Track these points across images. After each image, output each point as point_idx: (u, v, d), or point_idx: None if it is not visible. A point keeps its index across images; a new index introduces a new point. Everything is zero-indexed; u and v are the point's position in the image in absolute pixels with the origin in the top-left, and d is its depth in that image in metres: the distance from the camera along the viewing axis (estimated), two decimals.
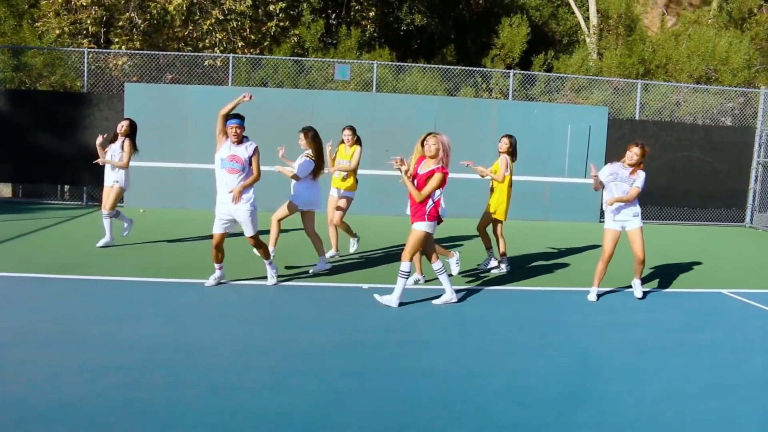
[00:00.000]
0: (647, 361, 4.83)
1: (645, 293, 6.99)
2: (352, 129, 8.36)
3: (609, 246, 6.69)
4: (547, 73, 15.99)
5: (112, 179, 8.53)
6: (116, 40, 14.84)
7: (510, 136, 7.96)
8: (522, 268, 8.19)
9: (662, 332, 5.65)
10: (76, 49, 13.47)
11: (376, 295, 6.01)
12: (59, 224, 10.09)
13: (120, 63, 14.33)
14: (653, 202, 13.72)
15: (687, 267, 8.80)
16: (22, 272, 6.67)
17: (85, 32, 14.61)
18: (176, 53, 13.84)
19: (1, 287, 6.09)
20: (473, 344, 5.03)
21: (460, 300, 6.30)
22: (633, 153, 6.54)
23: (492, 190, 7.85)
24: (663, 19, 20.62)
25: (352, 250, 8.48)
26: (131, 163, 8.65)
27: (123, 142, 8.45)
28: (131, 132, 8.54)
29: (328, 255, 7.92)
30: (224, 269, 6.54)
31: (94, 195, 12.63)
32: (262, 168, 6.41)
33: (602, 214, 13.55)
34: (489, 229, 8.00)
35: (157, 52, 13.50)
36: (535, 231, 11.62)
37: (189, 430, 3.37)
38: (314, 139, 7.21)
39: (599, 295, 6.81)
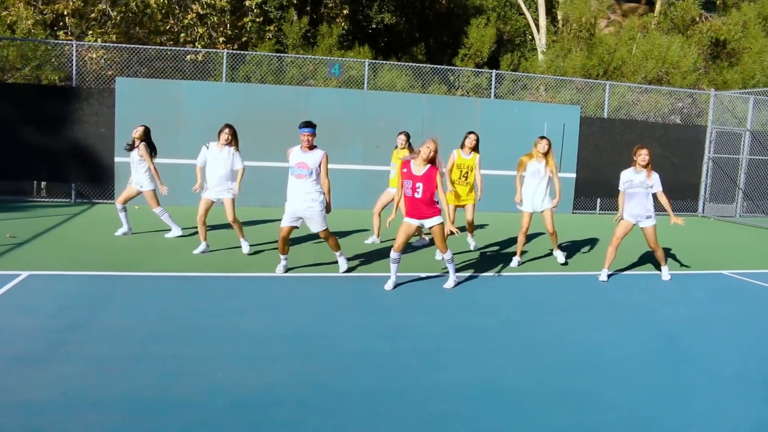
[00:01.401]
0: (724, 329, 5.58)
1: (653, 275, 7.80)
2: (407, 135, 8.97)
3: (620, 233, 7.45)
4: (526, 74, 16.84)
5: (138, 183, 8.66)
6: (90, 32, 14.44)
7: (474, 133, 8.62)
8: (528, 256, 8.82)
9: (708, 307, 6.43)
10: (65, 41, 13.05)
11: (445, 285, 6.59)
12: (67, 221, 9.89)
13: (95, 56, 13.98)
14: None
15: (673, 253, 9.69)
16: (81, 270, 6.67)
17: (61, 23, 14.14)
18: (164, 47, 13.67)
19: (79, 285, 6.10)
20: (567, 322, 5.58)
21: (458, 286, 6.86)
22: (644, 155, 7.25)
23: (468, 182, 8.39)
24: (612, 23, 21.99)
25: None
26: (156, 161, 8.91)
27: (138, 148, 8.61)
28: (146, 136, 8.70)
29: (369, 240, 9.26)
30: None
31: (84, 192, 12.35)
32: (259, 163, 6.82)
33: (576, 206, 14.64)
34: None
35: (144, 47, 13.29)
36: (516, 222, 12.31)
37: (397, 402, 3.73)
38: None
39: (609, 276, 7.60)
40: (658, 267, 7.98)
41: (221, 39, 15.09)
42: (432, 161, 6.28)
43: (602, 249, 9.70)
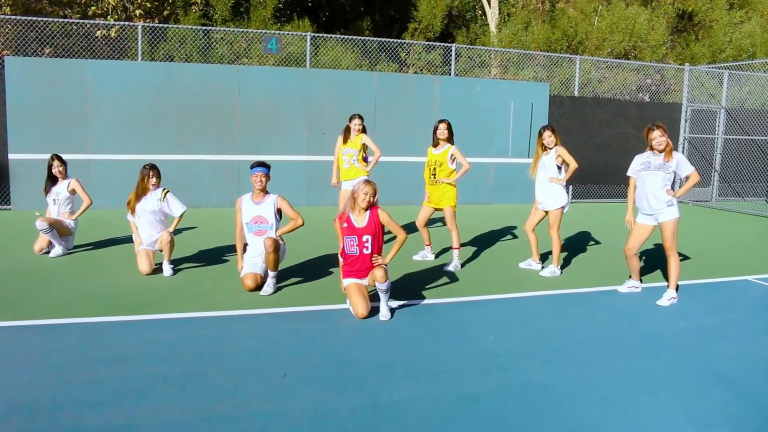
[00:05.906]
0: None
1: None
2: (361, 117, 7.50)
3: (632, 240, 6.13)
4: (491, 48, 15.33)
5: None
6: None
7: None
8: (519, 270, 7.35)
9: (765, 336, 5.04)
10: None
11: (381, 318, 5.13)
12: None
13: None
14: (593, 180, 13.56)
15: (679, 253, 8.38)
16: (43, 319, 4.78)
17: None
18: (68, 20, 11.42)
19: (72, 335, 4.23)
20: (603, 381, 4.07)
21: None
22: (658, 137, 5.82)
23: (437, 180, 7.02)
24: None
25: None
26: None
27: (69, 183, 7.71)
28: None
29: None
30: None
31: None
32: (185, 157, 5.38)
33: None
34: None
35: (44, 19, 11.09)
36: (483, 215, 10.88)
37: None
38: None
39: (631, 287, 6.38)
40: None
41: (138, 12, 12.94)
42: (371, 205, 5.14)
43: (597, 250, 8.35)
